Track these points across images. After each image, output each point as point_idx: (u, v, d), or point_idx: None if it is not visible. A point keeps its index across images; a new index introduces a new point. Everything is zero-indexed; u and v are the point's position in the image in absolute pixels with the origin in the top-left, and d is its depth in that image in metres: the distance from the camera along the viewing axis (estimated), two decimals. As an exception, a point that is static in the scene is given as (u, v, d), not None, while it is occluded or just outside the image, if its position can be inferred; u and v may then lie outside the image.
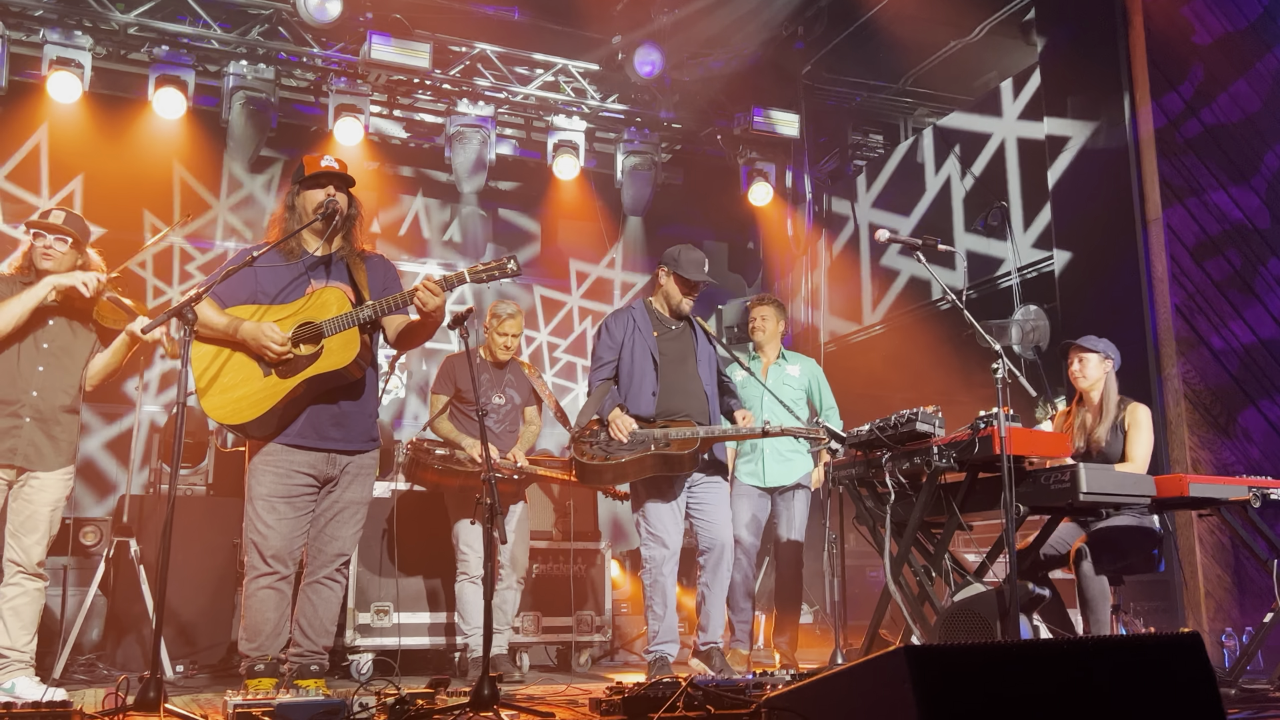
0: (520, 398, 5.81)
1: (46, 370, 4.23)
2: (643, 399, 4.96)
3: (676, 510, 5.02)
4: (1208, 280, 6.24)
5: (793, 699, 1.91)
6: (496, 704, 3.33)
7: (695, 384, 5.08)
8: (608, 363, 5.07)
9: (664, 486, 4.98)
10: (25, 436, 4.17)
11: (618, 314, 5.23)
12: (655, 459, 4.79)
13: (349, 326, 3.87)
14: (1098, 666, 1.83)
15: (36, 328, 4.20)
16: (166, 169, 8.45)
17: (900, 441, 4.56)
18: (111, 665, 6.04)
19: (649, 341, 5.05)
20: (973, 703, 1.68)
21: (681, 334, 5.18)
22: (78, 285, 4.13)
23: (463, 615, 5.58)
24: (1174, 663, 1.89)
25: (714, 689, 3.15)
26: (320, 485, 4.01)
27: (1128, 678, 1.83)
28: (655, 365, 5.01)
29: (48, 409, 4.23)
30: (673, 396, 5.01)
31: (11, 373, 4.17)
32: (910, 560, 4.60)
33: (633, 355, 5.04)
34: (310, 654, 4.02)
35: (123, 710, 3.12)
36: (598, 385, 5.05)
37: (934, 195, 8.42)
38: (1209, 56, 6.56)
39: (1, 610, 4.21)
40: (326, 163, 4.09)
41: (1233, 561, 5.92)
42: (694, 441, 4.81)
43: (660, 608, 4.99)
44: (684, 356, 5.11)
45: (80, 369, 4.35)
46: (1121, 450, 4.81)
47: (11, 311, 4.10)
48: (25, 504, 4.23)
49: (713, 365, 5.22)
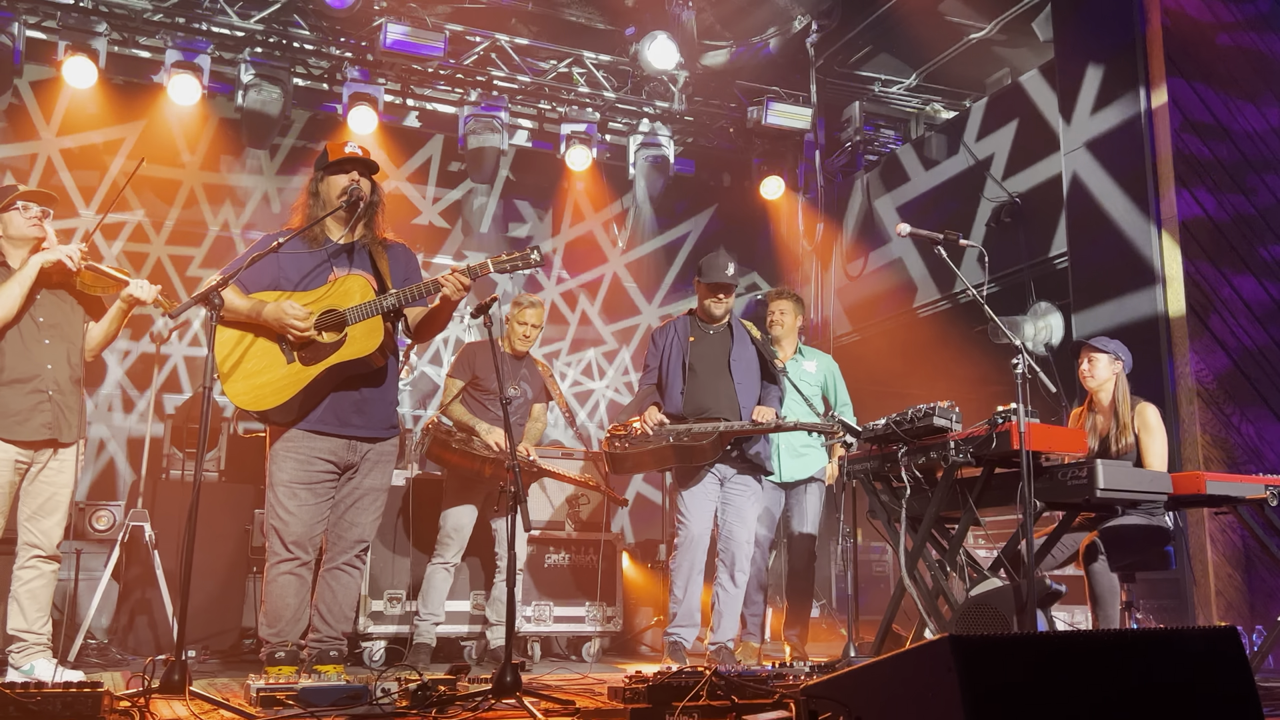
0: (532, 392, 5.82)
1: (51, 344, 4.25)
2: (673, 398, 5.40)
3: (705, 496, 5.34)
4: (1222, 278, 6.24)
5: (831, 688, 1.91)
6: (519, 691, 3.34)
7: (725, 383, 5.39)
8: (651, 369, 5.58)
9: (690, 475, 5.35)
10: (50, 409, 4.20)
11: (663, 326, 5.70)
12: (673, 449, 5.19)
13: (373, 315, 3.88)
14: (1138, 658, 1.84)
15: (28, 305, 4.21)
16: (176, 155, 8.45)
17: (916, 436, 4.56)
18: (124, 649, 6.06)
19: (684, 347, 5.48)
20: (1017, 693, 1.69)
21: (718, 338, 5.54)
22: (64, 259, 4.15)
23: (424, 600, 5.61)
24: (1212, 655, 1.90)
25: (737, 678, 3.17)
26: (341, 472, 4.02)
27: (1168, 670, 1.85)
28: (684, 368, 5.42)
29: (61, 381, 4.26)
30: (702, 396, 5.37)
31: (21, 350, 4.18)
32: (925, 555, 4.61)
33: (669, 361, 5.49)
34: (329, 640, 4.03)
35: (148, 693, 3.14)
36: (642, 389, 5.57)
37: (947, 190, 8.41)
38: (1226, 49, 6.55)
39: (18, 594, 4.23)
40: (350, 149, 4.09)
41: (1244, 560, 5.93)
42: (711, 434, 5.15)
43: (680, 590, 5.30)
44: (717, 358, 5.46)
45: (79, 339, 4.37)
46: (1134, 452, 4.81)
47: (11, 293, 4.12)
48: (45, 485, 4.25)
49: (751, 365, 5.50)
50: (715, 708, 2.98)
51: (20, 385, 4.15)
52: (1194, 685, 1.83)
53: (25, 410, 4.14)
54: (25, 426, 4.14)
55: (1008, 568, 4.40)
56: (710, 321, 5.53)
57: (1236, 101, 6.51)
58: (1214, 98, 6.44)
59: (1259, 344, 6.26)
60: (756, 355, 5.54)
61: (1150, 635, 1.85)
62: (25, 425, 4.14)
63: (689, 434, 5.18)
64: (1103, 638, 1.79)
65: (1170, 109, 6.27)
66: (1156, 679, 1.80)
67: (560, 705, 3.47)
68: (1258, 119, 6.56)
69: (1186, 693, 1.81)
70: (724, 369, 5.41)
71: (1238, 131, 6.47)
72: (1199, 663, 1.86)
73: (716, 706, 2.98)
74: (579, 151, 8.70)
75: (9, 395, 4.14)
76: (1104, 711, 1.73)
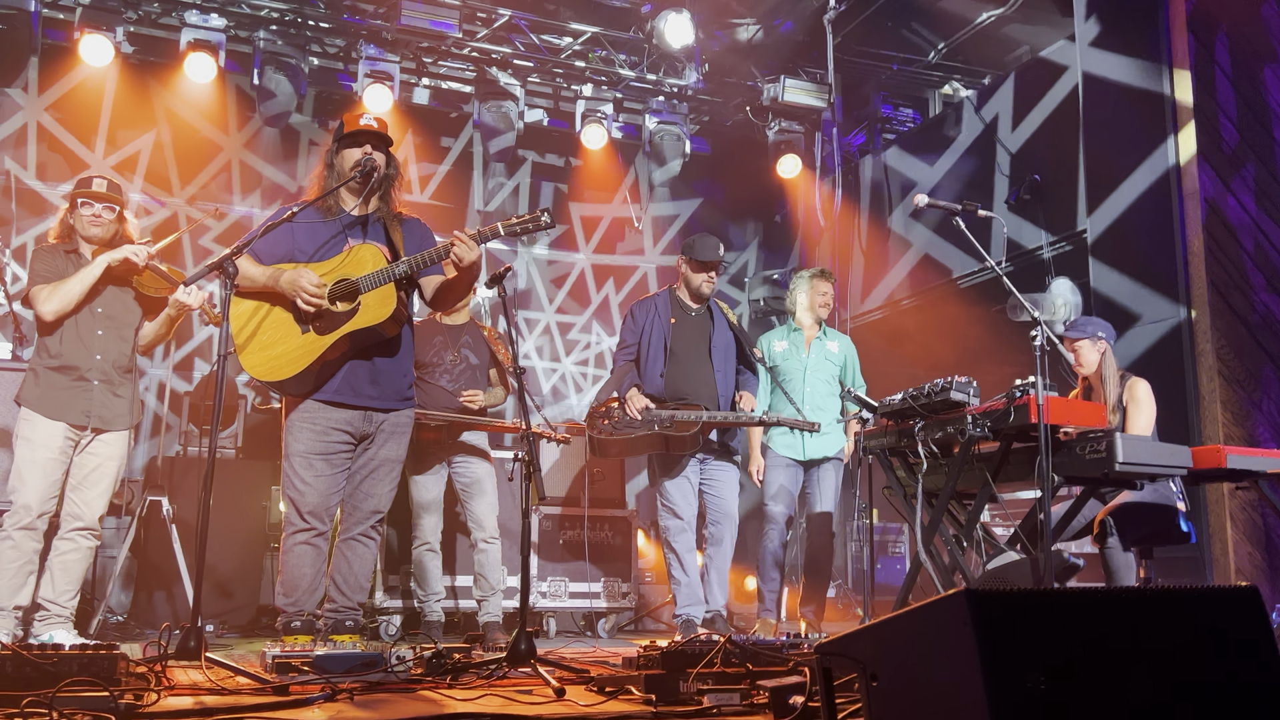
0: (477, 359, 5.76)
1: (105, 334, 4.44)
2: (652, 379, 5.37)
3: (687, 484, 5.39)
4: (1244, 255, 6.17)
5: (846, 644, 1.90)
6: (534, 659, 3.34)
7: (705, 369, 5.42)
8: (630, 345, 5.47)
9: (672, 464, 5.36)
10: (96, 399, 4.38)
11: (643, 301, 5.60)
12: (658, 438, 5.20)
13: (385, 282, 3.88)
14: (1156, 615, 1.81)
15: (91, 296, 4.40)
16: (193, 134, 8.47)
17: (934, 410, 4.54)
18: (142, 624, 6.10)
19: (665, 328, 5.43)
20: (1034, 647, 1.67)
21: (699, 320, 5.51)
22: (130, 256, 4.35)
23: (419, 584, 5.62)
24: (1232, 615, 1.88)
25: (752, 646, 3.16)
26: (356, 442, 4.03)
27: (1186, 627, 1.82)
28: (666, 350, 5.39)
29: (111, 371, 4.44)
30: (682, 381, 5.38)
31: (75, 340, 4.37)
32: (941, 530, 4.59)
33: (650, 340, 5.43)
34: (345, 609, 4.04)
35: (164, 658, 3.15)
36: (619, 366, 5.46)
37: (967, 168, 8.34)
38: (1250, 28, 6.46)
39: (52, 564, 4.34)
40: (365, 121, 4.08)
41: (1264, 539, 5.88)
42: (695, 424, 5.17)
43: (680, 574, 5.37)
44: (697, 342, 5.45)
45: (133, 331, 4.55)
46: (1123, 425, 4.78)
47: (72, 290, 4.31)
48: (91, 457, 4.41)
49: (729, 351, 5.52)
50: (729, 674, 2.97)
51: (70, 371, 4.36)
52: (1213, 643, 1.81)
53: (69, 394, 4.34)
54: (68, 410, 4.33)
55: (1024, 542, 4.37)
56: (696, 302, 5.51)
57: (1263, 80, 6.41)
58: (1241, 76, 6.35)
59: (1282, 321, 6.19)
60: (734, 340, 5.56)
61: (1171, 593, 1.82)
62: (68, 409, 4.33)
63: (673, 422, 5.17)
64: (1122, 594, 1.77)
65: (1194, 85, 6.19)
66: (1177, 635, 1.78)
67: (575, 674, 3.48)
68: None
69: (1204, 650, 1.78)
70: (705, 354, 5.43)
71: (1262, 109, 6.38)
72: (1218, 622, 1.83)
73: (730, 674, 2.97)
74: (594, 129, 8.67)
75: (59, 378, 4.34)
76: (1125, 667, 1.71)
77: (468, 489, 5.61)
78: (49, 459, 4.28)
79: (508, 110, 8.47)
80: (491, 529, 5.57)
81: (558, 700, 3.02)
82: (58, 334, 4.35)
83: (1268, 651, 1.86)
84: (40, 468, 4.25)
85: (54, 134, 8.10)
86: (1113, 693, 1.69)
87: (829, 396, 6.00)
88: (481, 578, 5.56)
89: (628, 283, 10.02)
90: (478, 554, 5.57)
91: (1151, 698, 1.72)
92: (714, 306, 5.57)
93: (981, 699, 1.61)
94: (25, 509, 4.22)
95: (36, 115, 8.05)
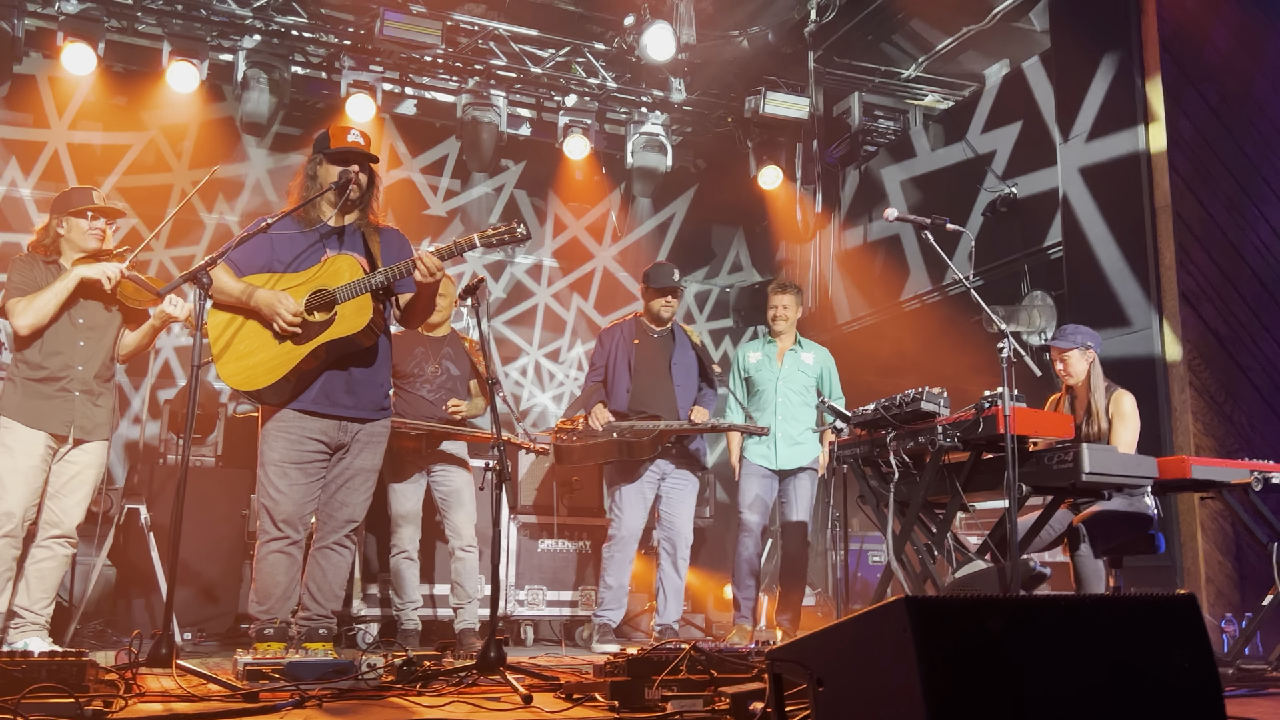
0: (458, 370, 5.82)
1: (87, 345, 4.46)
2: (618, 396, 5.77)
3: (640, 493, 5.74)
4: (1216, 268, 6.25)
5: (795, 650, 1.94)
6: (503, 666, 3.38)
7: (666, 384, 5.80)
8: (598, 368, 5.91)
9: (629, 471, 5.73)
10: (78, 409, 4.41)
11: (611, 328, 6.05)
12: (617, 444, 5.58)
13: (361, 293, 3.91)
14: (1095, 624, 1.86)
15: (71, 305, 4.42)
16: (178, 143, 8.48)
17: (905, 421, 4.59)
18: (119, 631, 6.10)
19: (629, 350, 5.86)
20: (972, 653, 1.71)
21: (662, 341, 5.92)
22: (101, 279, 4.34)
23: (396, 592, 5.68)
24: (1170, 622, 1.93)
25: (717, 654, 3.20)
26: (331, 452, 4.05)
27: (1124, 635, 1.87)
28: (630, 369, 5.80)
29: (92, 381, 4.46)
30: (645, 396, 5.76)
31: (56, 350, 4.39)
32: (913, 539, 4.64)
33: (615, 362, 5.85)
34: (319, 618, 4.07)
35: (135, 666, 3.18)
36: (588, 387, 5.89)
37: (943, 180, 8.42)
38: (1223, 44, 6.55)
39: (29, 571, 4.36)
40: (352, 138, 4.08)
41: (1234, 549, 5.94)
42: (652, 431, 5.56)
43: (612, 579, 5.75)
44: (659, 362, 5.84)
45: (112, 341, 4.57)
46: (1106, 438, 4.82)
47: (46, 304, 4.32)
48: (70, 465, 4.44)
49: (691, 369, 5.90)
50: (694, 681, 3.01)
51: (52, 381, 4.37)
52: (1152, 650, 1.86)
53: (51, 404, 4.35)
54: (50, 419, 4.35)
55: (994, 551, 4.43)
56: (657, 325, 5.91)
57: (1236, 95, 6.50)
58: (1213, 90, 6.44)
59: (1253, 336, 6.27)
60: (696, 360, 5.92)
61: (1108, 601, 1.87)
62: (50, 418, 4.35)
63: (631, 431, 5.56)
64: (1060, 602, 1.82)
65: (1166, 100, 6.27)
66: (1113, 643, 1.83)
67: (544, 681, 3.51)
68: (1257, 113, 6.56)
69: (1141, 657, 1.83)
70: (666, 372, 5.81)
71: (1235, 124, 6.47)
72: (1156, 629, 1.88)
73: (695, 680, 3.02)
74: (577, 140, 8.72)
75: (40, 388, 4.36)
76: (1059, 674, 1.76)
77: (446, 499, 5.65)
78: (31, 467, 4.29)
79: (490, 121, 8.51)
80: (469, 538, 5.61)
81: (524, 707, 3.05)
82: (38, 344, 4.36)
83: (1203, 654, 1.91)
84: (23, 476, 4.27)
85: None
86: (1049, 698, 1.74)
87: (802, 407, 6.07)
88: (458, 586, 5.59)
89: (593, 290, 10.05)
90: (455, 562, 5.60)
91: (1088, 704, 1.77)
92: (676, 329, 5.97)
93: (920, 704, 1.66)
94: (8, 516, 4.23)
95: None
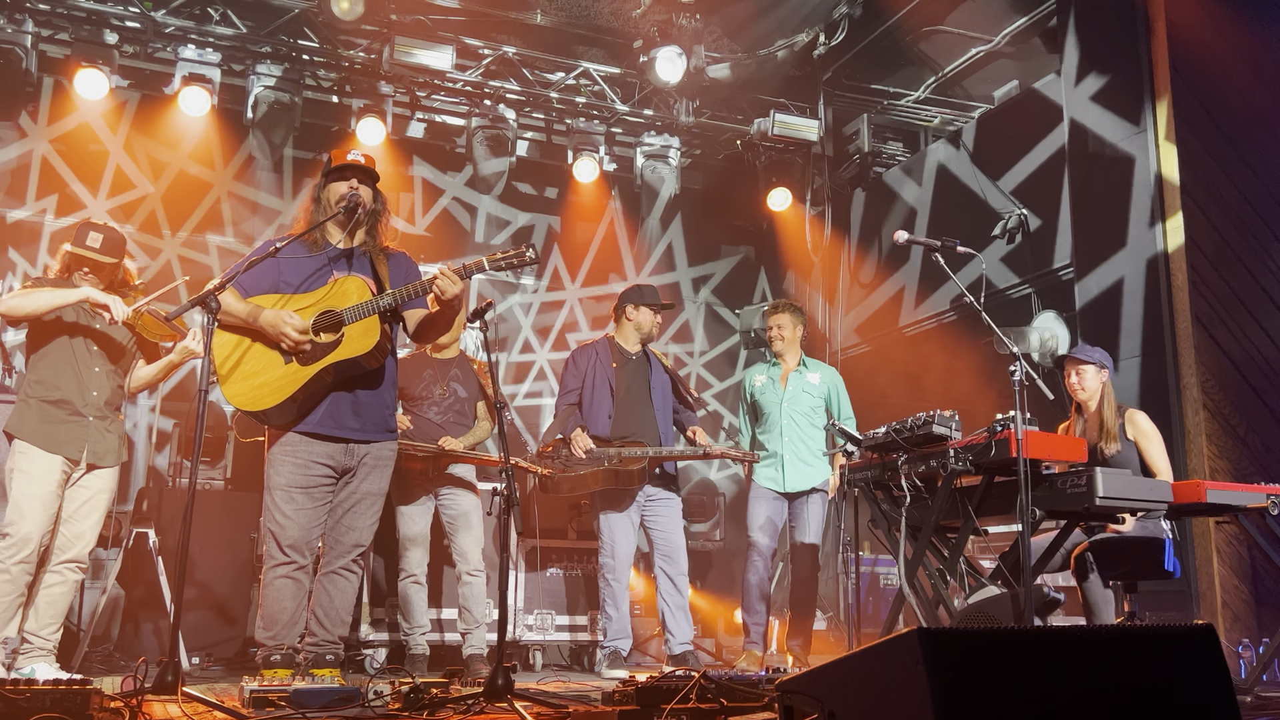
0: (466, 392, 5.81)
1: (100, 372, 4.49)
2: (600, 421, 5.66)
3: (628, 521, 5.66)
4: (1228, 290, 6.21)
5: (806, 682, 1.91)
6: (510, 694, 3.34)
7: (647, 409, 5.74)
8: (572, 389, 5.77)
9: (617, 499, 5.63)
10: (92, 435, 4.42)
11: (583, 348, 5.92)
12: (607, 473, 5.49)
13: (369, 314, 3.91)
14: (1111, 655, 1.83)
15: (86, 332, 4.45)
16: (189, 168, 8.51)
17: (917, 444, 4.55)
18: (128, 656, 6.08)
19: (608, 372, 5.74)
20: (985, 685, 1.68)
21: (639, 364, 5.84)
22: (108, 307, 4.26)
23: (404, 616, 5.62)
24: (1188, 654, 1.89)
25: (727, 682, 3.16)
26: (338, 476, 4.04)
27: (1141, 667, 1.83)
28: (612, 393, 5.69)
29: (105, 409, 4.49)
30: (626, 421, 5.67)
31: (71, 373, 4.41)
32: (925, 563, 4.59)
33: (594, 384, 5.72)
34: (326, 643, 4.04)
35: (141, 693, 3.15)
36: (563, 409, 5.74)
37: (955, 202, 8.40)
38: (1233, 64, 6.53)
39: (39, 597, 4.32)
40: (352, 156, 4.15)
41: (1250, 573, 5.87)
42: (642, 460, 5.50)
43: (612, 609, 5.65)
44: (638, 385, 5.77)
45: (125, 370, 4.59)
46: (1130, 458, 4.79)
47: (42, 299, 4.28)
48: (83, 490, 4.45)
49: (666, 391, 5.86)
50: (703, 710, 2.97)
51: (66, 405, 4.38)
52: (1169, 682, 1.82)
53: (65, 428, 4.36)
54: (65, 444, 4.36)
55: (1006, 576, 4.38)
56: (632, 347, 5.85)
57: (1246, 116, 6.48)
58: (1224, 111, 6.41)
59: (1266, 357, 6.22)
60: (670, 381, 5.90)
61: (1124, 632, 1.84)
62: (65, 443, 4.36)
63: (619, 459, 5.49)
64: (1073, 634, 1.79)
65: (1177, 120, 6.25)
66: (1130, 675, 1.79)
67: (552, 709, 3.47)
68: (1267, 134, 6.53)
69: (1159, 690, 1.79)
70: (645, 396, 5.76)
71: (1246, 145, 6.44)
72: (1174, 661, 1.85)
73: (705, 709, 2.98)
74: (586, 163, 8.74)
75: (55, 412, 4.37)
76: (1075, 706, 1.73)
77: (454, 521, 5.63)
78: (48, 492, 4.29)
79: (501, 143, 8.52)
80: (476, 562, 5.58)
81: (532, 736, 3.02)
82: (53, 368, 4.37)
83: (1223, 685, 1.87)
84: (40, 501, 4.26)
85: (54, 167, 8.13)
86: (1065, 731, 1.70)
87: (810, 428, 6.03)
88: (466, 611, 5.56)
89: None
90: (462, 587, 5.57)
91: (1105, 736, 1.74)
92: (648, 351, 5.92)
93: (934, 737, 1.62)
94: (25, 541, 4.21)
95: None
